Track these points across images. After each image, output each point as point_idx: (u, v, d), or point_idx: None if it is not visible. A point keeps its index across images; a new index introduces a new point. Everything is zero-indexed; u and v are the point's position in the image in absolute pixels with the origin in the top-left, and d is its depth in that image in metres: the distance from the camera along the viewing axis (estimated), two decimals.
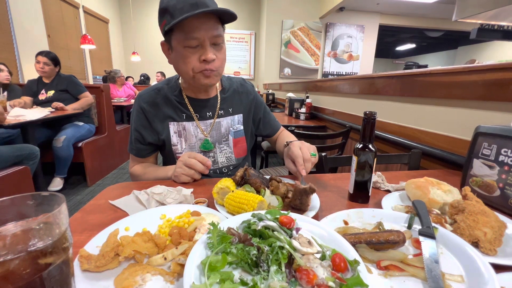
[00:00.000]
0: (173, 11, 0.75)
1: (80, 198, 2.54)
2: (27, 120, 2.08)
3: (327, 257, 0.40)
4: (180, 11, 0.74)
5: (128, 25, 7.46)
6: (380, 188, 0.80)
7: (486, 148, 0.71)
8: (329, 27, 5.91)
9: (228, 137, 1.02)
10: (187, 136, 0.96)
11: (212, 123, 0.98)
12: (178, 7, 0.74)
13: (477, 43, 8.59)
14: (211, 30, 0.77)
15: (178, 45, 0.79)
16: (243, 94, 1.06)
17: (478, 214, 0.53)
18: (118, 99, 4.44)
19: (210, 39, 0.79)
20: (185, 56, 0.80)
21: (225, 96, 1.01)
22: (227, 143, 1.02)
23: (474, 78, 1.01)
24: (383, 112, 1.64)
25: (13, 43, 3.72)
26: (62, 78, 2.75)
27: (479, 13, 2.14)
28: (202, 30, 0.76)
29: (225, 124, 1.00)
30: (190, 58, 0.80)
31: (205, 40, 0.78)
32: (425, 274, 0.41)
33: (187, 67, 0.81)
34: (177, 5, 0.75)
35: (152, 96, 0.95)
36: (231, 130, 1.02)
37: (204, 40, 0.78)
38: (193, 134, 0.96)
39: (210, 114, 0.98)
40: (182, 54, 0.80)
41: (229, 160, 1.02)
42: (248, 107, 1.06)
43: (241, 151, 1.05)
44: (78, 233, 0.54)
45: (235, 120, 1.03)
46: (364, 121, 0.66)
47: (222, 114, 1.00)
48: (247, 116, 1.06)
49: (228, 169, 1.02)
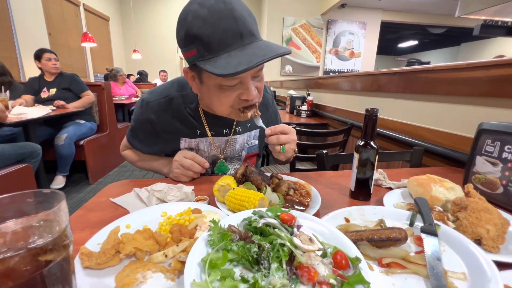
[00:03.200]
0: (210, 43, 0.57)
1: (82, 196, 2.55)
2: (29, 118, 2.08)
3: (329, 254, 0.40)
4: (221, 46, 0.57)
5: (129, 23, 7.45)
6: (382, 186, 0.80)
7: (489, 145, 0.70)
8: (331, 24, 5.86)
9: (242, 153, 0.96)
10: (198, 152, 0.89)
11: (228, 141, 0.90)
12: (217, 38, 0.57)
13: (480, 39, 8.51)
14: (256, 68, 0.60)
15: (212, 82, 0.65)
16: (263, 107, 0.95)
17: (481, 211, 0.52)
18: (120, 97, 4.44)
19: (254, 73, 0.65)
20: (220, 96, 0.66)
21: None
22: (239, 157, 0.97)
23: (478, 74, 0.99)
24: (385, 109, 1.63)
25: (14, 41, 3.73)
26: (64, 77, 2.75)
27: (483, 9, 2.12)
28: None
29: (240, 140, 0.93)
30: (228, 98, 0.66)
31: (248, 78, 0.64)
32: (427, 271, 0.40)
33: (223, 106, 0.69)
34: (214, 35, 0.57)
35: (162, 106, 0.82)
36: (246, 146, 0.95)
37: (247, 79, 0.64)
38: (206, 151, 0.89)
39: (226, 131, 0.89)
40: (216, 93, 0.66)
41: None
42: (265, 121, 0.92)
43: (251, 163, 1.02)
44: (79, 230, 0.54)
45: (251, 135, 0.95)
46: (366, 118, 0.65)
47: (240, 131, 0.91)
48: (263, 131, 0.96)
49: None
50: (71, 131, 2.59)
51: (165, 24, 7.56)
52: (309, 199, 0.68)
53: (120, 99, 4.30)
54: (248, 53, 0.57)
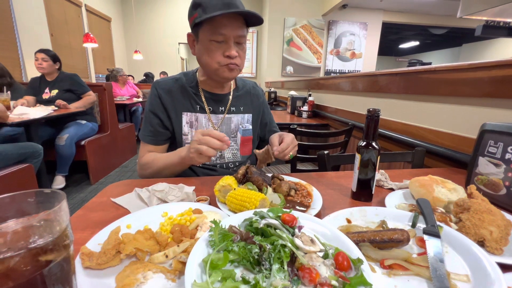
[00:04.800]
0: (206, 6, 0.81)
1: (84, 196, 2.56)
2: (30, 119, 2.09)
3: (330, 255, 0.40)
4: (213, 8, 0.80)
5: (130, 24, 7.47)
6: (383, 187, 0.79)
7: (492, 146, 0.70)
8: (332, 24, 5.86)
9: (237, 134, 1.05)
10: (198, 127, 0.99)
11: (223, 118, 1.02)
12: (212, 3, 0.80)
13: (482, 40, 8.49)
14: (237, 29, 0.83)
15: (205, 38, 0.85)
16: (254, 96, 1.11)
17: (484, 212, 0.52)
18: (121, 97, 4.44)
19: (235, 37, 0.84)
20: (210, 49, 0.85)
21: (238, 94, 1.06)
22: (235, 139, 1.05)
23: (480, 75, 0.99)
24: (387, 110, 1.62)
25: (17, 42, 3.74)
26: (65, 76, 2.75)
27: (484, 10, 2.11)
28: (229, 28, 0.82)
29: (235, 120, 1.04)
30: (215, 52, 0.85)
31: (230, 37, 0.83)
32: (430, 273, 0.40)
33: (212, 60, 0.87)
34: (211, 2, 0.81)
35: (169, 84, 0.98)
36: (240, 128, 1.05)
37: (229, 37, 0.83)
38: (204, 126, 0.99)
39: (222, 109, 1.02)
40: (207, 47, 0.85)
41: (235, 156, 1.04)
42: (257, 109, 1.11)
43: (247, 149, 1.07)
44: (80, 230, 0.54)
45: (244, 118, 1.06)
46: (368, 119, 0.65)
47: (234, 110, 1.04)
48: (256, 117, 1.10)
49: (234, 165, 1.04)
50: (73, 131, 2.59)
51: (167, 25, 7.58)
52: (310, 199, 0.67)
53: (121, 99, 4.30)
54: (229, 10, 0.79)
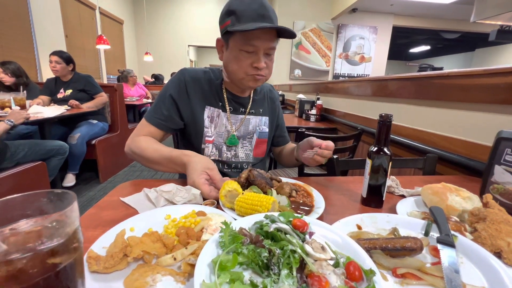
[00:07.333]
0: (240, 15, 0.79)
1: (93, 194, 2.60)
2: (45, 117, 2.15)
3: (341, 264, 0.39)
4: (247, 18, 0.78)
5: (142, 26, 7.63)
6: (394, 193, 0.78)
7: (509, 154, 0.67)
8: (341, 28, 5.84)
9: (253, 136, 1.05)
10: (218, 123, 0.98)
11: (242, 119, 1.02)
12: (247, 13, 0.79)
13: (495, 45, 8.29)
14: (268, 42, 0.82)
15: (235, 46, 0.83)
16: (270, 100, 1.12)
17: (501, 223, 0.50)
18: (131, 98, 4.52)
19: (265, 49, 0.84)
20: (239, 58, 0.84)
21: (256, 98, 1.06)
22: (250, 141, 1.05)
23: (496, 81, 0.96)
24: (397, 115, 1.60)
25: (33, 43, 3.87)
26: (80, 77, 2.83)
27: (499, 14, 2.06)
28: (261, 40, 0.81)
29: (253, 122, 1.04)
30: (244, 61, 0.84)
31: (261, 49, 0.83)
32: (444, 284, 0.39)
33: (239, 69, 0.86)
34: (246, 12, 0.79)
35: (198, 73, 0.97)
36: (257, 130, 1.05)
37: (260, 49, 0.83)
38: (223, 124, 0.99)
39: (242, 110, 1.02)
40: (236, 55, 0.84)
41: (248, 157, 1.04)
42: (273, 112, 1.11)
43: (260, 152, 1.07)
44: (92, 228, 0.55)
45: (262, 121, 1.07)
46: (380, 124, 0.64)
47: (253, 113, 1.04)
48: (271, 121, 1.10)
49: (248, 165, 1.04)
50: (84, 130, 2.65)
51: (177, 28, 7.71)
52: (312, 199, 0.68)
53: (131, 100, 4.38)
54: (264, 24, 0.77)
